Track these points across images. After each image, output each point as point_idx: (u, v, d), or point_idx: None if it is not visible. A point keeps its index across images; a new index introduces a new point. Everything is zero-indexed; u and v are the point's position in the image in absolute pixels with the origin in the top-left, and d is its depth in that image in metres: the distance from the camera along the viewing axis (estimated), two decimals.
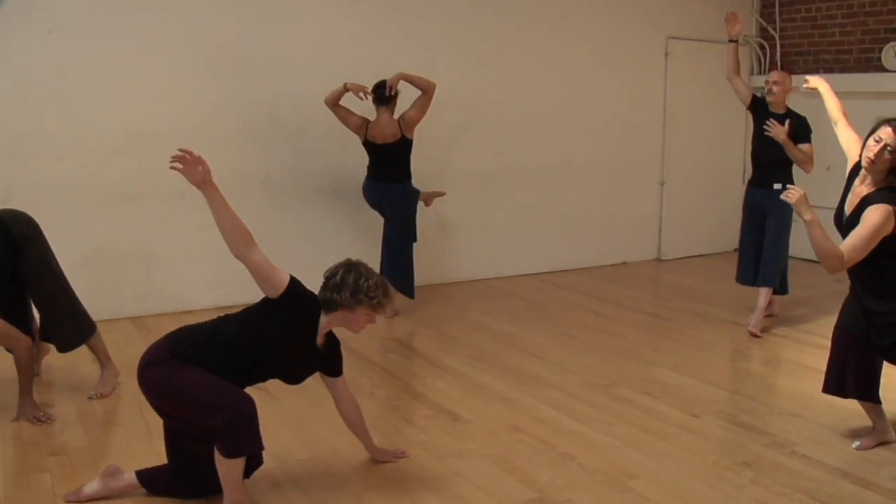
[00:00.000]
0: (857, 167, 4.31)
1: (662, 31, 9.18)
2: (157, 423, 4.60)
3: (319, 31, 7.16)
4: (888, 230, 4.02)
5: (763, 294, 6.68)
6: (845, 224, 4.22)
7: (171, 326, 6.23)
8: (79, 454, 4.27)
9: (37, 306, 5.02)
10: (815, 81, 5.00)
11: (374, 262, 7.14)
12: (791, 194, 4.11)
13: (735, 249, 9.55)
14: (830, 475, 4.10)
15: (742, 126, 9.32)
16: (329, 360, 3.88)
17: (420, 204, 7.10)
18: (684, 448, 4.40)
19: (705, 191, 9.71)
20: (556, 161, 8.65)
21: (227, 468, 3.52)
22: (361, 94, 6.59)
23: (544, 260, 8.71)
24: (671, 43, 9.22)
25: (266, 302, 3.63)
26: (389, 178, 6.77)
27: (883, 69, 8.55)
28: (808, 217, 4.04)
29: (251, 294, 3.60)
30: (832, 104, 4.81)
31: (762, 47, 9.73)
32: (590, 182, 8.91)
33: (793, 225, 6.74)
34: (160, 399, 3.61)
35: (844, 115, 4.70)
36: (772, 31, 9.63)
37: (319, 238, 7.32)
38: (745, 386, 5.50)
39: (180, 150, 3.56)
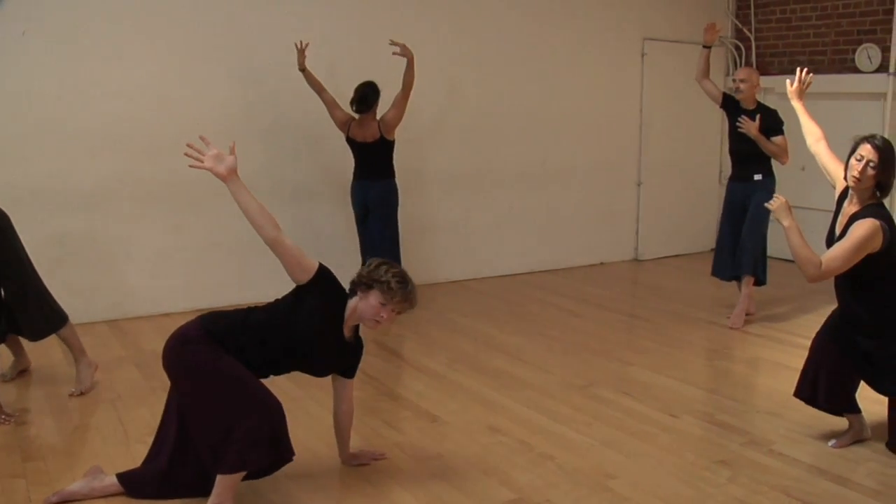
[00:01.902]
0: (845, 191, 4.32)
1: (638, 33, 9.22)
2: (134, 427, 4.60)
3: (296, 31, 7.13)
4: (875, 246, 4.03)
5: (745, 284, 6.79)
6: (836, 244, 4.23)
7: (148, 330, 6.24)
8: (55, 459, 4.23)
9: (7, 296, 4.99)
10: (794, 101, 4.87)
11: (354, 263, 7.16)
12: (773, 202, 4.18)
13: (712, 249, 9.63)
14: (807, 473, 4.13)
15: (718, 127, 9.37)
16: (350, 360, 3.92)
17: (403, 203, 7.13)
18: (662, 447, 4.42)
19: (682, 191, 9.76)
20: (534, 162, 8.66)
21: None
22: (304, 52, 6.74)
23: (522, 261, 8.72)
24: (647, 44, 9.25)
25: (297, 289, 3.68)
26: (372, 176, 6.85)
27: (857, 70, 8.62)
28: (786, 223, 4.09)
29: (227, 297, 3.62)
30: (809, 123, 4.73)
31: (737, 48, 9.78)
32: (567, 183, 8.92)
33: (770, 222, 6.81)
34: (189, 379, 3.57)
35: (824, 138, 4.64)
36: (747, 33, 9.69)
37: (297, 239, 7.26)
38: (723, 385, 5.53)
39: (192, 147, 3.57)
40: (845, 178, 4.22)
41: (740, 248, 6.76)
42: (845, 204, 4.29)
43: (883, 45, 8.39)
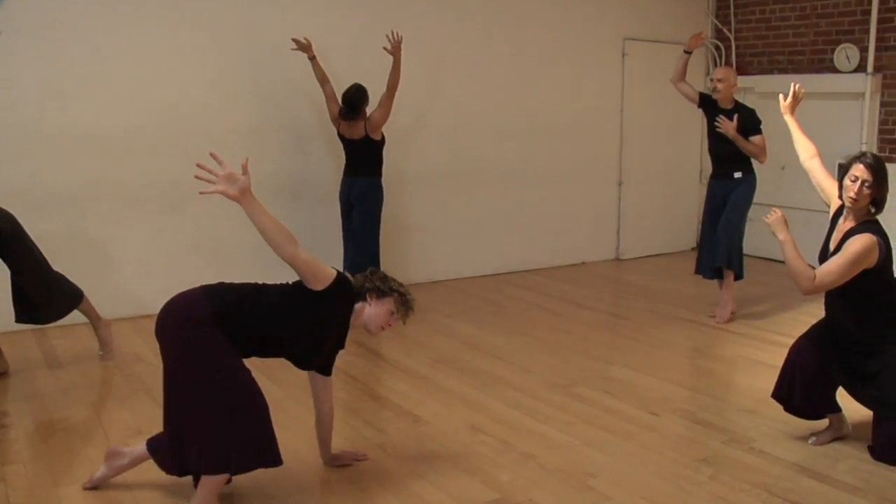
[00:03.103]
0: (839, 209, 4.35)
1: (619, 33, 9.24)
2: (114, 429, 4.58)
3: (276, 31, 7.12)
4: (871, 261, 4.07)
5: (726, 278, 6.85)
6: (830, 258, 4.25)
7: (128, 332, 6.20)
8: (34, 463, 4.20)
9: (28, 289, 5.38)
10: (786, 116, 4.83)
11: (338, 262, 7.15)
12: (770, 216, 4.23)
13: (693, 248, 9.68)
14: (788, 470, 4.15)
15: (698, 126, 9.39)
16: (331, 357, 3.94)
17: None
18: (644, 446, 4.43)
19: (663, 190, 9.79)
20: (515, 161, 8.67)
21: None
22: (309, 43, 6.86)
23: (503, 261, 8.73)
24: (628, 44, 9.28)
25: (306, 290, 3.60)
26: (357, 172, 6.94)
27: (835, 70, 8.68)
28: (781, 237, 4.15)
29: None
30: (802, 139, 4.70)
31: (717, 48, 9.83)
32: (548, 182, 8.94)
33: (748, 220, 6.87)
34: (184, 363, 3.45)
35: (818, 155, 4.64)
36: (727, 33, 9.73)
37: None
38: (704, 383, 5.55)
39: (203, 168, 3.46)
40: (840, 197, 4.26)
41: (715, 239, 6.81)
42: (840, 221, 4.31)
43: (861, 45, 8.45)
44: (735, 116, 6.60)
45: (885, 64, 8.33)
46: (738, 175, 6.74)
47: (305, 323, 3.61)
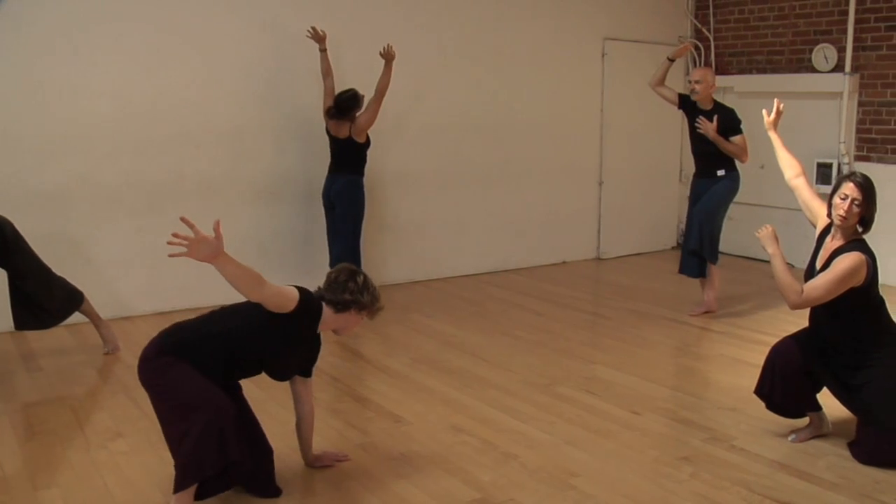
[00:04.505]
0: (826, 228, 4.38)
1: (599, 33, 9.26)
2: (94, 431, 4.55)
3: (259, 30, 7.11)
4: (859, 280, 4.10)
5: (708, 269, 6.92)
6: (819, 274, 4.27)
7: None
8: (13, 466, 4.16)
9: (32, 292, 5.49)
10: (770, 132, 4.86)
11: (318, 262, 7.14)
12: (760, 230, 4.30)
13: (674, 248, 9.71)
14: (768, 468, 4.17)
15: (678, 126, 9.45)
16: (310, 361, 3.98)
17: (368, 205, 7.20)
18: (625, 445, 4.44)
19: (643, 190, 9.82)
20: (495, 161, 8.67)
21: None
22: (322, 39, 6.97)
23: (484, 260, 8.73)
24: (608, 44, 9.30)
25: (270, 313, 3.63)
26: (338, 170, 7.02)
27: (813, 70, 8.73)
28: (770, 250, 4.22)
29: (190, 300, 3.57)
30: (787, 157, 4.73)
31: (697, 48, 9.86)
32: (529, 182, 8.94)
33: (728, 218, 6.90)
34: (150, 393, 3.63)
35: (804, 173, 4.67)
36: (706, 33, 9.77)
37: (258, 241, 7.26)
38: (685, 382, 5.57)
39: (177, 236, 3.40)
40: (829, 215, 4.28)
41: (690, 222, 6.85)
42: (827, 239, 4.34)
43: (839, 45, 8.50)
44: (715, 117, 6.62)
45: (863, 64, 8.38)
46: (720, 173, 6.79)
47: (272, 345, 3.68)
